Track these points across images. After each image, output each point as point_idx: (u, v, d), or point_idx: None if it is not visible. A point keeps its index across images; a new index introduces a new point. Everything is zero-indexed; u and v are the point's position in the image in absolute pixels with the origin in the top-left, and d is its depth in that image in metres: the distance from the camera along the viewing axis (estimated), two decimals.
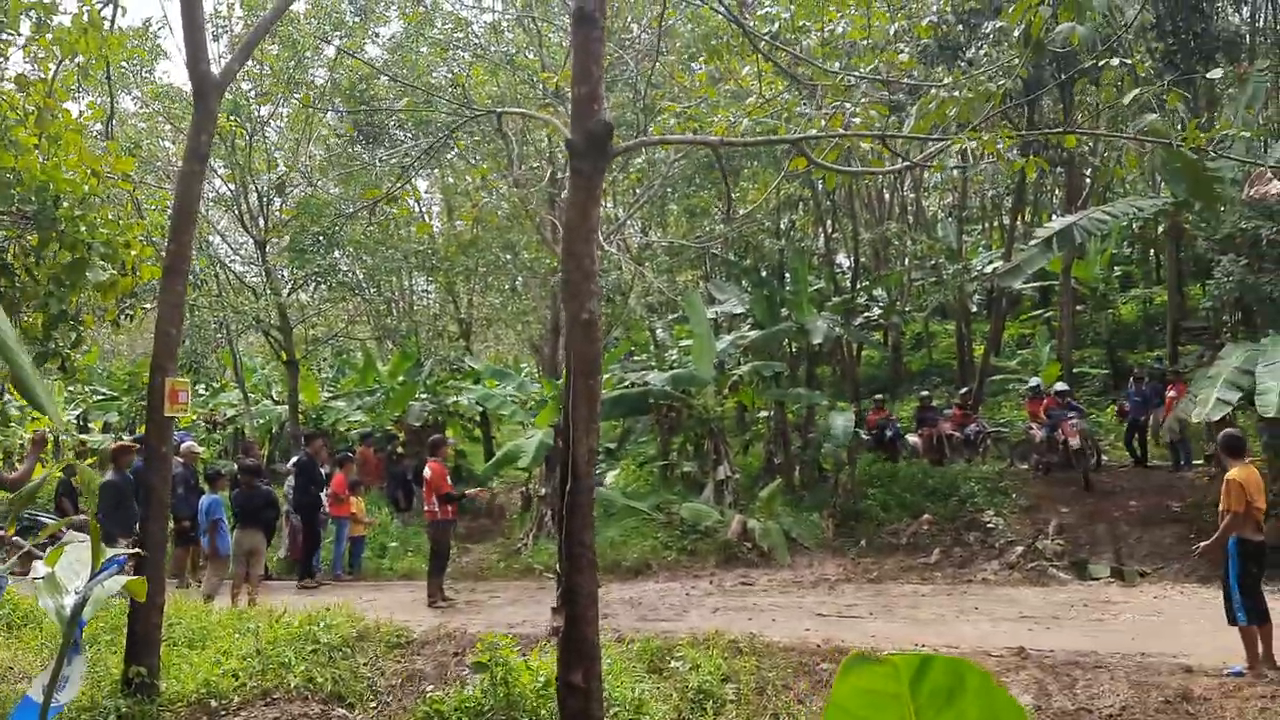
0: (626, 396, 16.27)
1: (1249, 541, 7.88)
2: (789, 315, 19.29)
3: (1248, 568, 7.85)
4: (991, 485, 17.64)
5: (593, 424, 5.05)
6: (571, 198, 5.08)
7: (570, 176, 5.05)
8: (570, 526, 5.00)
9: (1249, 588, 7.82)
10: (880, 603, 10.86)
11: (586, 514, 5.04)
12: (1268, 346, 12.73)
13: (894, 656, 0.82)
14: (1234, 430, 8.49)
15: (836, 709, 0.82)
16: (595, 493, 15.81)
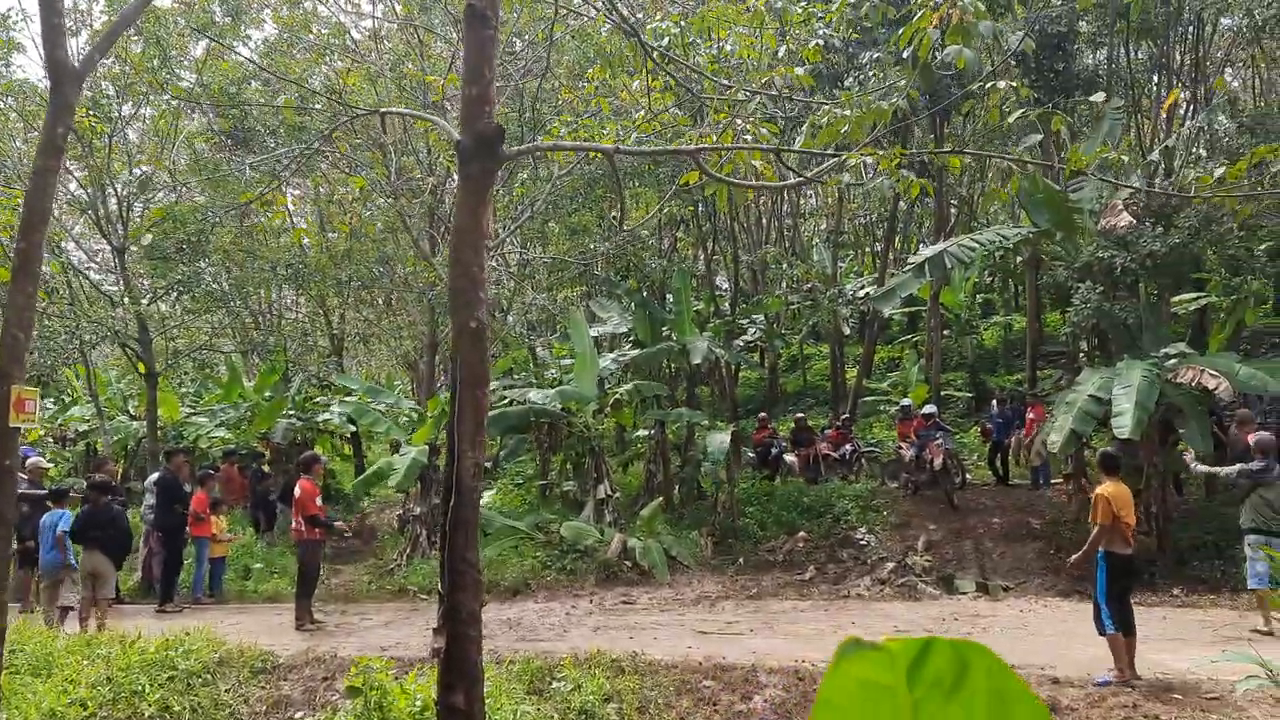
0: (508, 414, 15.99)
1: (1117, 555, 8.22)
2: (670, 335, 19.39)
3: (1116, 579, 8.17)
4: (864, 503, 18.03)
5: (479, 437, 4.85)
6: (461, 202, 4.89)
7: (460, 180, 4.86)
8: (453, 543, 4.77)
9: (1117, 599, 8.14)
10: (760, 619, 10.90)
11: (471, 530, 4.83)
12: (1122, 370, 13.41)
13: (890, 641, 0.71)
14: (1110, 449, 8.91)
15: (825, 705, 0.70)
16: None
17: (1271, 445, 10.08)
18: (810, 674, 8.08)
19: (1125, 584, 8.28)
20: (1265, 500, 9.85)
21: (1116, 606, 8.13)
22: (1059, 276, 15.07)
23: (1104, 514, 8.16)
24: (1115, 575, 8.20)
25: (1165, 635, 9.50)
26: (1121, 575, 8.23)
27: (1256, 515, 9.91)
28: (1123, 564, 8.24)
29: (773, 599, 12.53)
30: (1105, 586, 8.20)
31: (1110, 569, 8.22)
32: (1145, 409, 12.56)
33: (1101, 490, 8.29)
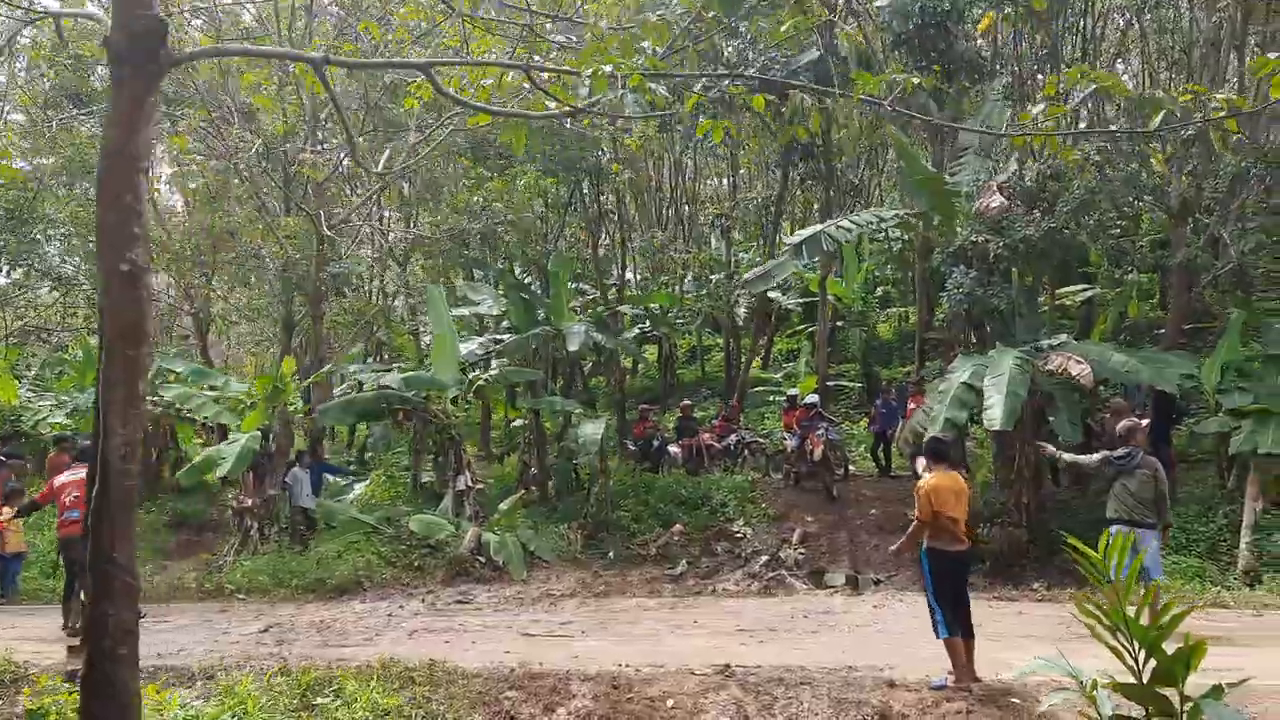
0: (356, 400, 14.92)
1: (941, 553, 7.56)
2: (547, 320, 18.51)
3: (942, 579, 7.53)
4: (743, 495, 17.45)
5: (133, 408, 3.92)
6: (111, 115, 3.93)
7: (112, 88, 3.90)
8: (97, 540, 3.83)
9: (950, 600, 7.50)
10: (599, 619, 10.10)
11: (122, 524, 3.89)
12: (994, 359, 12.97)
13: None
14: (940, 436, 8.20)
15: None
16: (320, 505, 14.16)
17: (1134, 432, 9.61)
18: (628, 681, 7.30)
19: (955, 583, 7.62)
20: (1128, 489, 9.37)
21: (949, 607, 7.49)
22: (934, 262, 14.59)
23: (922, 508, 7.51)
24: (941, 574, 7.54)
25: (1018, 632, 8.98)
26: (948, 574, 7.57)
27: (1120, 505, 9.42)
28: (948, 562, 7.57)
29: (620, 596, 11.75)
30: (933, 586, 7.55)
31: (934, 568, 7.56)
32: (1017, 398, 12.11)
33: (924, 482, 7.64)
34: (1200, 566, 11.67)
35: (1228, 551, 12.14)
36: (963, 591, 7.65)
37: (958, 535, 7.60)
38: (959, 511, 7.61)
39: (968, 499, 7.81)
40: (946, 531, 7.54)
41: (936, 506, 7.47)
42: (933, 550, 7.58)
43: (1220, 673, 7.66)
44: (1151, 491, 9.39)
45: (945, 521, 7.51)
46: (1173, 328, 16.30)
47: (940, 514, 7.48)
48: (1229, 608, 10.02)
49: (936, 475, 7.65)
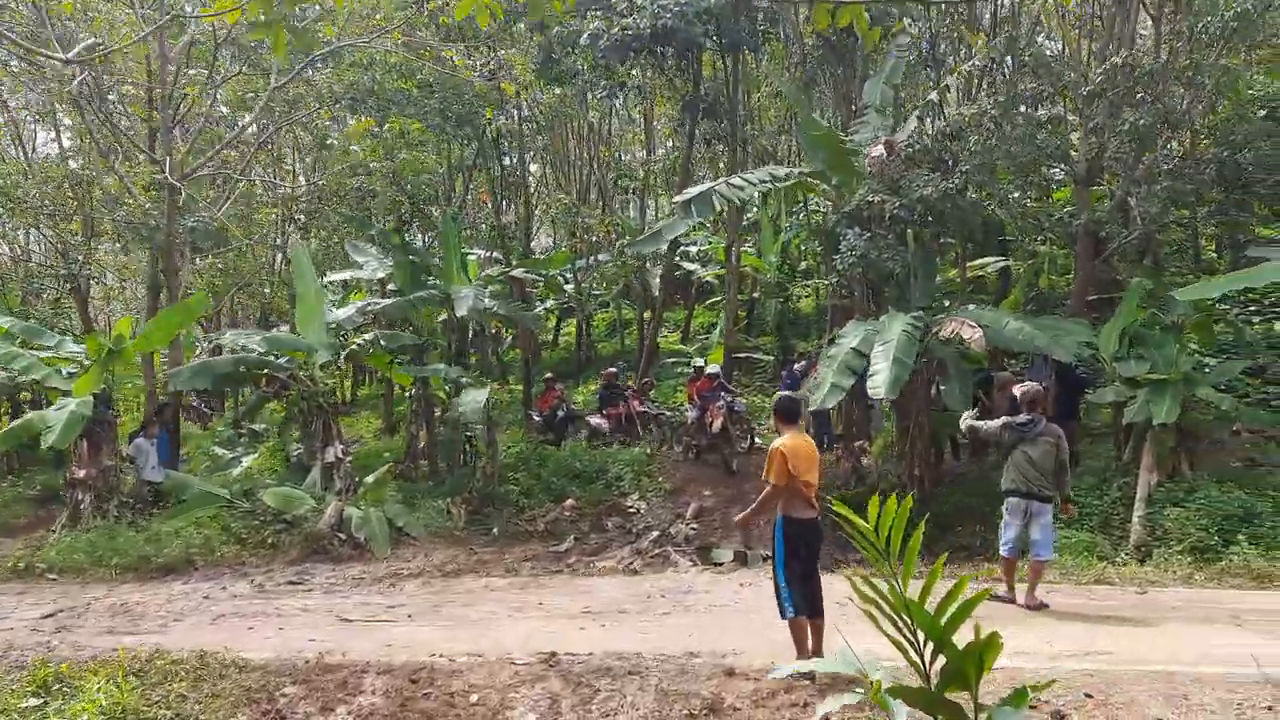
0: (213, 365, 13.77)
1: (796, 520, 6.83)
2: (436, 283, 17.50)
3: (794, 550, 6.79)
4: (640, 469, 16.75)
5: None
6: None
7: None
8: None
9: (800, 576, 6.76)
10: (436, 601, 9.21)
11: None
12: (884, 323, 12.30)
13: None
14: (790, 394, 7.41)
15: None
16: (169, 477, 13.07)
17: (1037, 398, 8.96)
18: (430, 674, 6.43)
19: (808, 555, 6.89)
20: (1028, 458, 8.72)
21: (799, 584, 6.75)
22: (828, 222, 13.89)
23: (778, 471, 6.74)
24: (794, 545, 6.81)
25: None
26: (801, 544, 6.83)
27: (1018, 476, 8.77)
28: (803, 532, 6.85)
29: (473, 576, 10.87)
30: (783, 559, 6.80)
31: (788, 538, 6.81)
32: (904, 365, 11.45)
33: (778, 443, 6.87)
34: (1092, 541, 11.12)
35: (1120, 526, 11.63)
36: (813, 565, 6.91)
37: (811, 501, 6.86)
38: (813, 475, 6.87)
39: (819, 464, 7.04)
40: (800, 496, 6.80)
41: (792, 470, 6.69)
42: (788, 518, 6.83)
43: (1086, 656, 7.07)
44: (1052, 461, 8.77)
45: (799, 486, 6.75)
46: (1077, 297, 15.79)
47: (795, 477, 6.70)
48: (1114, 584, 9.47)
49: (790, 436, 6.88)
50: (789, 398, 7.17)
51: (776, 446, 6.80)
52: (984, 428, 9.19)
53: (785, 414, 7.01)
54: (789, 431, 6.90)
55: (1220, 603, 8.61)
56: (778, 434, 7.09)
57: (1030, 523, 8.75)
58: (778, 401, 7.17)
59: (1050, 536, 8.89)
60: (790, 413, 7.01)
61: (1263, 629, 7.55)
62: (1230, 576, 9.65)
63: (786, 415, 6.99)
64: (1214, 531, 10.77)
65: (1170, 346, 12.53)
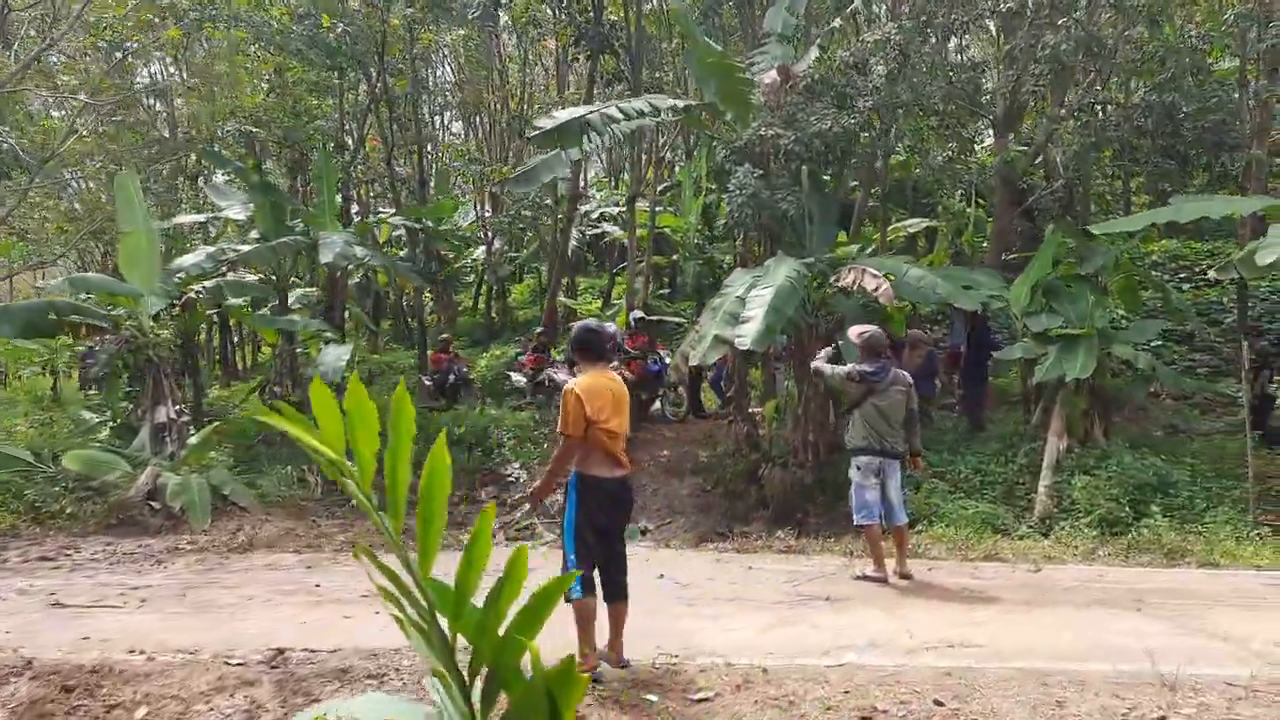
0: (11, 309, 12.02)
1: (594, 480, 5.35)
2: (306, 229, 15.85)
3: (590, 517, 5.34)
4: (524, 435, 15.29)
5: None
6: None
7: None
8: None
9: (588, 546, 5.32)
10: (193, 583, 7.66)
11: None
12: (769, 269, 10.95)
13: None
14: (590, 323, 5.87)
15: None
16: None
17: (882, 344, 7.64)
18: (97, 680, 4.94)
19: (608, 523, 5.43)
20: (878, 411, 7.41)
21: (589, 557, 5.33)
22: (716, 158, 12.48)
23: (572, 419, 5.30)
24: (591, 512, 5.35)
25: (730, 595, 6.95)
26: (601, 510, 5.37)
27: (868, 431, 7.46)
28: (603, 494, 5.35)
29: (266, 551, 9.34)
30: (573, 529, 5.36)
31: (583, 502, 5.35)
32: (779, 316, 10.11)
33: (573, 384, 5.45)
34: (991, 512, 9.92)
35: (1025, 496, 10.46)
36: (616, 537, 5.49)
37: (616, 456, 5.39)
38: (618, 423, 5.38)
39: (629, 407, 5.59)
40: (601, 449, 5.32)
41: (593, 415, 5.28)
42: (583, 477, 5.35)
43: (951, 649, 5.78)
44: (903, 412, 7.47)
45: (600, 436, 5.30)
46: (993, 253, 14.61)
47: (595, 425, 5.29)
48: (1006, 561, 8.23)
49: (590, 375, 5.44)
50: (587, 327, 5.64)
51: (569, 388, 5.37)
52: (829, 372, 7.85)
53: (583, 347, 5.54)
54: (590, 369, 5.46)
55: (1123, 582, 7.41)
56: (573, 375, 5.65)
57: (885, 483, 7.47)
58: (575, 333, 5.67)
59: (902, 496, 7.65)
60: (588, 346, 5.53)
61: (1166, 615, 6.34)
62: (1139, 552, 8.48)
63: (584, 349, 5.53)
64: (1125, 502, 9.62)
65: (1085, 300, 11.36)
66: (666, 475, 13.77)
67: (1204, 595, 6.93)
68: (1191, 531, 9.01)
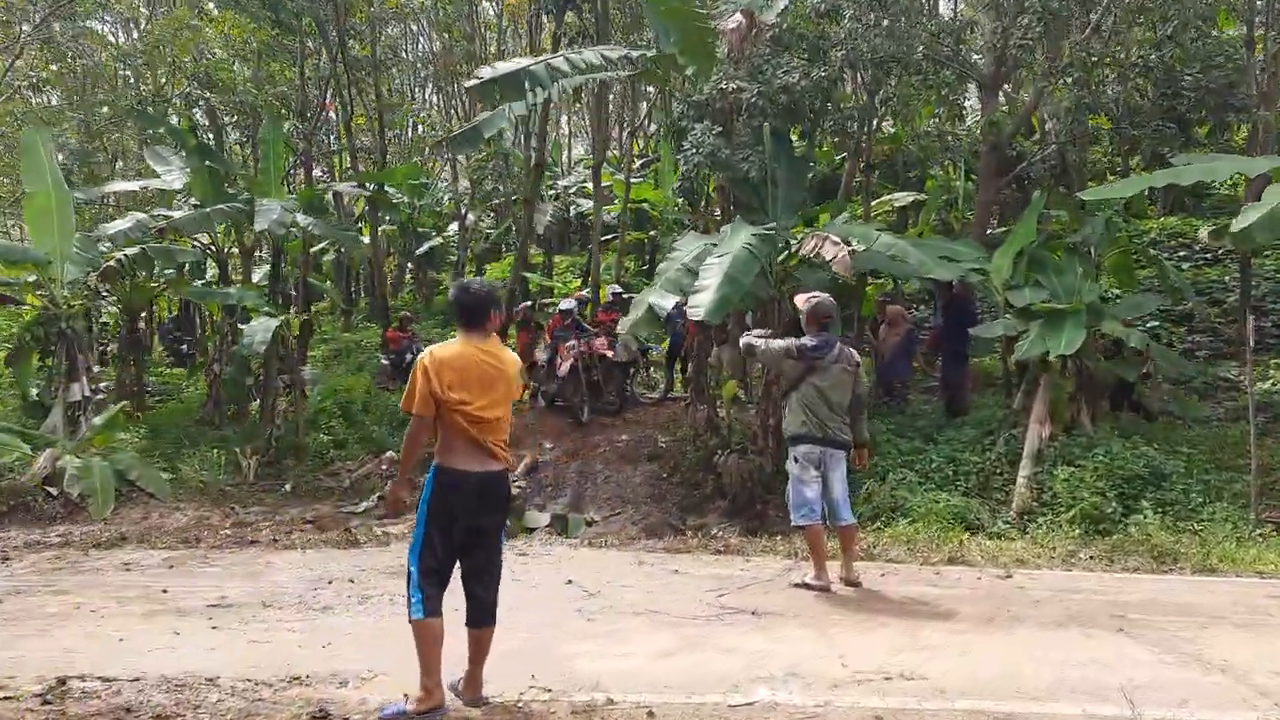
0: None
1: (450, 473, 4.27)
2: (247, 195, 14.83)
3: (439, 519, 4.25)
4: None
5: None
6: None
7: None
8: None
9: (438, 556, 4.25)
10: (32, 585, 6.61)
11: None
12: (726, 236, 9.92)
13: None
14: (469, 282, 4.63)
15: None
16: None
17: (829, 312, 6.60)
18: None
19: (469, 531, 4.29)
20: (819, 393, 6.39)
21: (436, 572, 4.27)
22: (673, 113, 11.43)
23: (418, 395, 4.22)
24: (440, 512, 4.26)
25: (641, 608, 5.94)
26: (456, 514, 4.25)
27: (807, 416, 6.42)
28: (459, 491, 4.25)
29: (136, 546, 8.29)
30: (421, 531, 4.29)
31: (434, 500, 4.26)
32: (738, 286, 9.11)
33: (426, 353, 4.35)
34: (965, 506, 8.93)
35: (1003, 488, 9.46)
36: (478, 543, 4.37)
37: (485, 447, 4.30)
38: (485, 405, 4.27)
39: (514, 388, 4.51)
40: (463, 436, 4.25)
41: (440, 390, 4.20)
42: (439, 470, 4.29)
43: (888, 681, 4.78)
44: (848, 395, 6.46)
45: (458, 420, 4.23)
46: (978, 223, 13.58)
47: (450, 405, 4.23)
48: (973, 565, 7.22)
49: (456, 343, 4.34)
50: (461, 285, 4.48)
51: (420, 356, 4.32)
52: (761, 348, 6.77)
53: (461, 309, 4.39)
54: (465, 337, 4.35)
55: (1104, 592, 6.41)
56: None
57: (828, 476, 6.46)
58: (451, 293, 4.54)
59: (847, 492, 6.62)
60: (461, 308, 4.40)
61: (1153, 635, 5.34)
62: (1125, 554, 7.47)
63: (462, 311, 4.39)
64: (1112, 496, 8.64)
65: (1074, 272, 10.32)
66: (621, 462, 12.81)
67: (1199, 610, 5.93)
68: (1186, 530, 8.02)
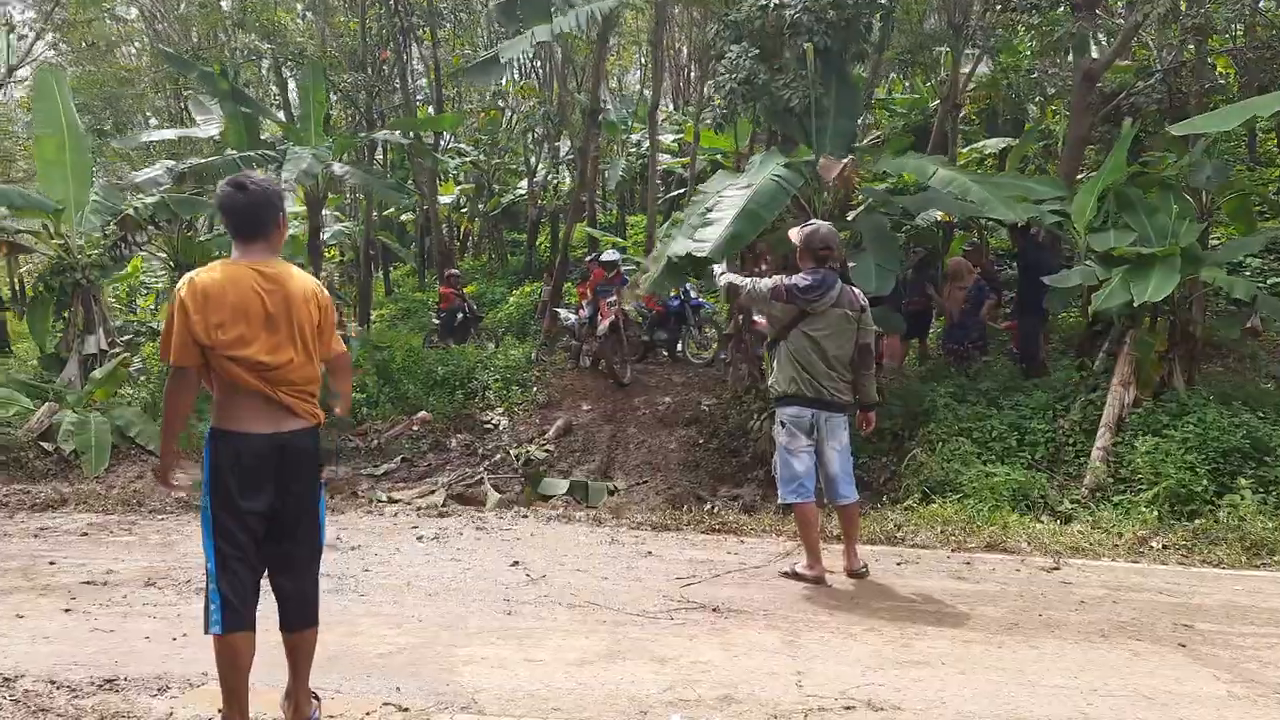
0: None
1: (231, 439, 3.24)
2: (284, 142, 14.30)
3: (223, 496, 3.23)
4: (511, 377, 13.59)
5: None
6: None
7: None
8: None
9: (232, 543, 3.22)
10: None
11: None
12: (752, 166, 8.76)
13: None
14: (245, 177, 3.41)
15: None
16: None
17: (827, 243, 5.39)
18: None
19: (273, 515, 3.28)
20: (813, 343, 5.22)
21: (232, 563, 3.27)
22: (707, 35, 10.25)
23: (175, 340, 3.17)
24: (228, 493, 3.23)
25: (582, 599, 4.94)
26: (247, 493, 3.23)
27: (796, 371, 5.27)
28: (249, 466, 3.25)
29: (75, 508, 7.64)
30: (208, 514, 3.27)
31: (217, 477, 3.24)
32: (754, 222, 7.96)
33: (185, 280, 3.23)
34: (1028, 480, 7.65)
35: (1075, 460, 8.13)
36: (286, 529, 3.34)
37: (273, 399, 3.25)
38: (275, 347, 3.23)
39: (316, 318, 3.36)
40: (244, 390, 3.23)
41: (205, 332, 3.15)
42: (215, 435, 3.28)
43: (848, 711, 3.67)
44: (849, 346, 5.31)
45: (233, 368, 3.19)
46: (1067, 165, 11.97)
47: (219, 349, 3.18)
48: (1016, 553, 5.99)
49: (222, 265, 3.28)
50: (237, 182, 3.28)
51: (179, 286, 3.29)
52: (746, 288, 5.60)
53: (231, 216, 3.30)
54: (240, 253, 3.31)
55: (1173, 592, 5.14)
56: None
57: (822, 446, 5.31)
58: (218, 191, 3.38)
59: (851, 465, 5.46)
60: (238, 213, 3.28)
61: (1225, 656, 4.11)
62: (1209, 543, 6.14)
63: (232, 218, 3.30)
64: (1203, 472, 7.23)
65: (1168, 211, 8.80)
66: (657, 425, 11.88)
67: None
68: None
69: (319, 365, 3.39)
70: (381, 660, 3.85)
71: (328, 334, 3.42)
